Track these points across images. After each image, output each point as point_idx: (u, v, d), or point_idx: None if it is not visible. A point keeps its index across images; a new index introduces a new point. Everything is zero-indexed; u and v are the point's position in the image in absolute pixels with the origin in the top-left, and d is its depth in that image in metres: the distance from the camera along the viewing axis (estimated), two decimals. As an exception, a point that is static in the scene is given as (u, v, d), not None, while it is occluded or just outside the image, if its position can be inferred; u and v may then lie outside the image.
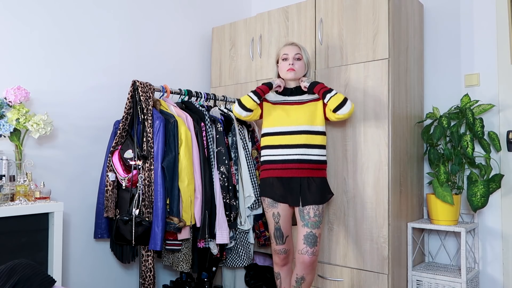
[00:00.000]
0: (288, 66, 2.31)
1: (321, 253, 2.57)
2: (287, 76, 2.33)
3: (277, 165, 2.27)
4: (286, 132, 2.27)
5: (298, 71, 2.33)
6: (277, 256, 2.31)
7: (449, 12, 2.72)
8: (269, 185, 2.29)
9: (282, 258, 2.31)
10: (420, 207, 2.70)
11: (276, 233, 2.28)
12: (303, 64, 2.34)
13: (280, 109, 2.34)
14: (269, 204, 2.29)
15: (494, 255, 2.52)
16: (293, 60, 2.31)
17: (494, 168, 2.51)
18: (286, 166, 2.25)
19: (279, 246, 2.29)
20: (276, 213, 2.27)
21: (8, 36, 2.23)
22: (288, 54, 2.32)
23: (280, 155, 2.26)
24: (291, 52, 2.32)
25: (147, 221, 2.21)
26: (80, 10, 2.54)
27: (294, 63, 2.30)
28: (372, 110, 2.41)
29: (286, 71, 2.32)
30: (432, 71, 2.78)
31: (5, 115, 2.07)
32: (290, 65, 2.30)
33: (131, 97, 2.36)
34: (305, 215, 2.18)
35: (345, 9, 2.55)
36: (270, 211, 2.28)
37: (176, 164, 2.31)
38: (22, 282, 1.45)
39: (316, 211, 2.18)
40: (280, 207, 2.27)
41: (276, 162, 2.28)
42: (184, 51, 3.16)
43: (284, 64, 2.33)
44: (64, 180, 2.43)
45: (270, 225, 2.30)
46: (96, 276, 2.59)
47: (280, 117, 2.31)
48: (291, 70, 2.30)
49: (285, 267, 2.34)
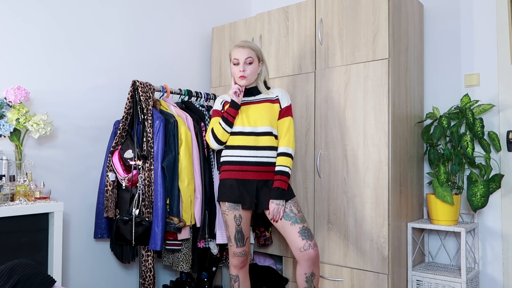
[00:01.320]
0: (239, 73, 2.20)
1: (321, 253, 2.56)
2: (240, 83, 2.23)
3: (236, 166, 2.21)
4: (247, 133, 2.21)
5: (250, 76, 2.22)
6: (236, 258, 2.24)
7: (449, 12, 2.72)
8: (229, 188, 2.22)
9: (242, 261, 2.25)
10: (420, 207, 2.70)
11: (237, 235, 2.22)
12: (255, 67, 2.23)
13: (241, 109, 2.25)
14: (229, 207, 2.21)
15: (494, 255, 2.52)
16: (244, 66, 2.20)
17: (494, 168, 2.51)
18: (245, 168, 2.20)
19: (239, 249, 2.23)
20: (238, 216, 2.21)
21: (8, 35, 2.23)
22: (239, 58, 2.20)
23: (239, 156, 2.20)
24: (241, 56, 2.20)
25: (147, 221, 2.21)
26: (81, 9, 2.54)
27: (245, 69, 2.20)
28: (372, 110, 2.41)
29: (238, 78, 2.22)
30: (432, 71, 2.78)
31: (5, 115, 2.07)
32: (240, 71, 2.20)
33: (131, 97, 2.36)
34: (289, 213, 2.16)
35: (345, 9, 2.55)
36: (232, 213, 2.21)
37: (176, 164, 2.31)
38: (22, 282, 1.45)
39: (297, 206, 2.18)
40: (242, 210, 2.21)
41: (235, 164, 2.21)
42: (184, 51, 3.16)
43: (235, 70, 2.22)
44: (64, 180, 2.43)
45: (231, 227, 2.22)
46: (96, 276, 2.59)
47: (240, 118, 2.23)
48: (242, 77, 2.20)
49: (243, 269, 2.29)
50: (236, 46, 2.24)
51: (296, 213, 2.16)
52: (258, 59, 2.24)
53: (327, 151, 2.56)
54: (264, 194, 2.18)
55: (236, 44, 2.27)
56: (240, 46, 2.23)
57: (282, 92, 2.28)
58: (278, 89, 2.30)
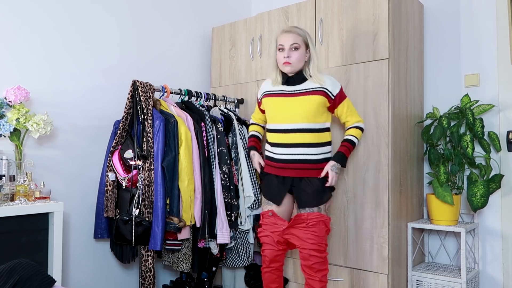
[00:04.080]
0: (283, 59, 2.11)
1: (321, 253, 2.57)
2: (284, 70, 2.14)
3: (274, 163, 2.21)
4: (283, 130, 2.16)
5: (295, 63, 2.11)
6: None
7: (449, 12, 2.72)
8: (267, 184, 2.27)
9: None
10: (420, 207, 2.70)
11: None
12: (302, 54, 2.12)
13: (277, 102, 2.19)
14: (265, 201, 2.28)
15: (494, 255, 2.52)
16: (289, 52, 2.10)
17: (494, 168, 2.51)
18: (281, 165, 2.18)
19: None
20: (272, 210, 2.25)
21: (8, 36, 2.23)
22: (284, 44, 2.11)
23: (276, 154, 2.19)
24: (286, 42, 2.10)
25: (147, 221, 2.21)
26: (81, 10, 2.54)
27: (290, 55, 2.10)
28: (372, 110, 2.41)
29: (282, 65, 2.13)
30: (432, 71, 2.78)
31: (5, 115, 2.07)
32: (285, 58, 2.10)
33: (131, 97, 2.36)
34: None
35: (345, 9, 2.55)
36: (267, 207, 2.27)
37: (176, 164, 2.31)
38: (22, 282, 1.45)
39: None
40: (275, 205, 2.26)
41: (273, 160, 2.21)
42: (184, 51, 3.16)
43: (280, 56, 2.13)
44: (64, 180, 2.43)
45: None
46: (96, 276, 2.59)
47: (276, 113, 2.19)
48: (287, 64, 2.11)
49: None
50: (282, 31, 2.16)
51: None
52: (305, 46, 2.14)
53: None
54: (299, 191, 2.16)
55: (282, 29, 2.19)
56: (286, 31, 2.14)
57: (328, 80, 2.15)
58: (325, 77, 2.16)
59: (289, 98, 2.16)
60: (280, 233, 2.18)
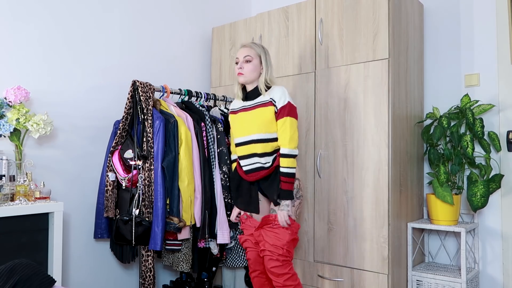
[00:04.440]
0: (237, 70, 2.22)
1: (321, 253, 2.57)
2: (239, 80, 2.25)
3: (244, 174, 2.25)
4: (241, 143, 2.23)
5: (247, 74, 2.20)
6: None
7: (449, 12, 2.72)
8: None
9: None
10: (420, 207, 2.70)
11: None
12: (255, 66, 2.20)
13: (238, 118, 2.27)
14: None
15: (494, 255, 2.52)
16: (242, 64, 2.21)
17: (494, 168, 2.51)
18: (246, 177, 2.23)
19: None
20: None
21: (8, 36, 2.23)
22: (239, 57, 2.23)
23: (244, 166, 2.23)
24: (241, 55, 2.22)
25: (147, 221, 2.21)
26: (81, 10, 2.54)
27: (243, 67, 2.20)
28: (372, 110, 2.41)
29: (237, 76, 2.24)
30: (432, 71, 2.78)
31: (5, 115, 2.07)
32: (239, 69, 2.21)
33: (131, 97, 2.36)
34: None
35: (345, 9, 2.55)
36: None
37: (176, 164, 2.31)
38: (22, 282, 1.45)
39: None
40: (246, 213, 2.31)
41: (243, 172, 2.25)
42: (184, 51, 3.16)
43: (235, 68, 2.24)
44: (64, 180, 2.43)
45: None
46: (96, 276, 2.59)
47: (236, 128, 2.28)
48: (240, 74, 2.21)
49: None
50: (240, 47, 2.28)
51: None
52: (259, 59, 2.23)
53: (327, 151, 2.56)
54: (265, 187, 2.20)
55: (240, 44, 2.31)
56: (242, 46, 2.27)
57: (278, 92, 2.18)
58: (276, 89, 2.20)
59: (247, 112, 2.24)
60: (254, 234, 2.21)
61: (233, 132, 2.32)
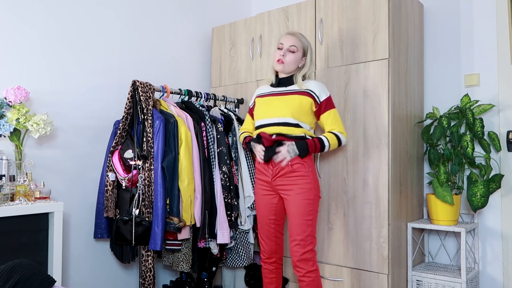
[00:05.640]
0: (278, 56, 2.20)
1: (321, 253, 2.57)
2: (275, 67, 2.23)
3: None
4: (266, 125, 2.21)
5: (288, 65, 2.20)
6: None
7: (449, 12, 2.72)
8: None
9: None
10: (420, 207, 2.70)
11: None
12: (297, 58, 2.20)
13: (266, 101, 2.27)
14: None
15: (494, 255, 2.52)
16: (286, 52, 2.19)
17: (494, 168, 2.51)
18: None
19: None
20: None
21: (8, 36, 2.23)
22: (283, 44, 2.20)
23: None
24: (287, 43, 2.20)
25: (147, 221, 2.21)
26: (81, 9, 2.54)
27: (285, 55, 2.18)
28: (372, 110, 2.41)
29: (276, 62, 2.21)
30: (432, 71, 2.78)
31: (5, 115, 2.07)
32: (280, 56, 2.19)
33: (131, 97, 2.36)
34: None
35: (345, 9, 2.55)
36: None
37: (176, 164, 2.31)
38: (22, 282, 1.45)
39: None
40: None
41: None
42: (184, 51, 3.16)
43: (276, 54, 2.21)
44: (64, 180, 2.43)
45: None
46: (96, 276, 2.59)
47: (263, 110, 2.25)
48: (280, 62, 2.19)
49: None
50: (286, 33, 2.26)
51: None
52: (303, 52, 2.22)
53: (327, 151, 2.56)
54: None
55: (288, 31, 2.31)
56: (289, 34, 2.24)
57: (317, 86, 2.21)
58: (313, 82, 2.24)
59: (277, 97, 2.25)
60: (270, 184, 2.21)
61: (258, 113, 2.28)
